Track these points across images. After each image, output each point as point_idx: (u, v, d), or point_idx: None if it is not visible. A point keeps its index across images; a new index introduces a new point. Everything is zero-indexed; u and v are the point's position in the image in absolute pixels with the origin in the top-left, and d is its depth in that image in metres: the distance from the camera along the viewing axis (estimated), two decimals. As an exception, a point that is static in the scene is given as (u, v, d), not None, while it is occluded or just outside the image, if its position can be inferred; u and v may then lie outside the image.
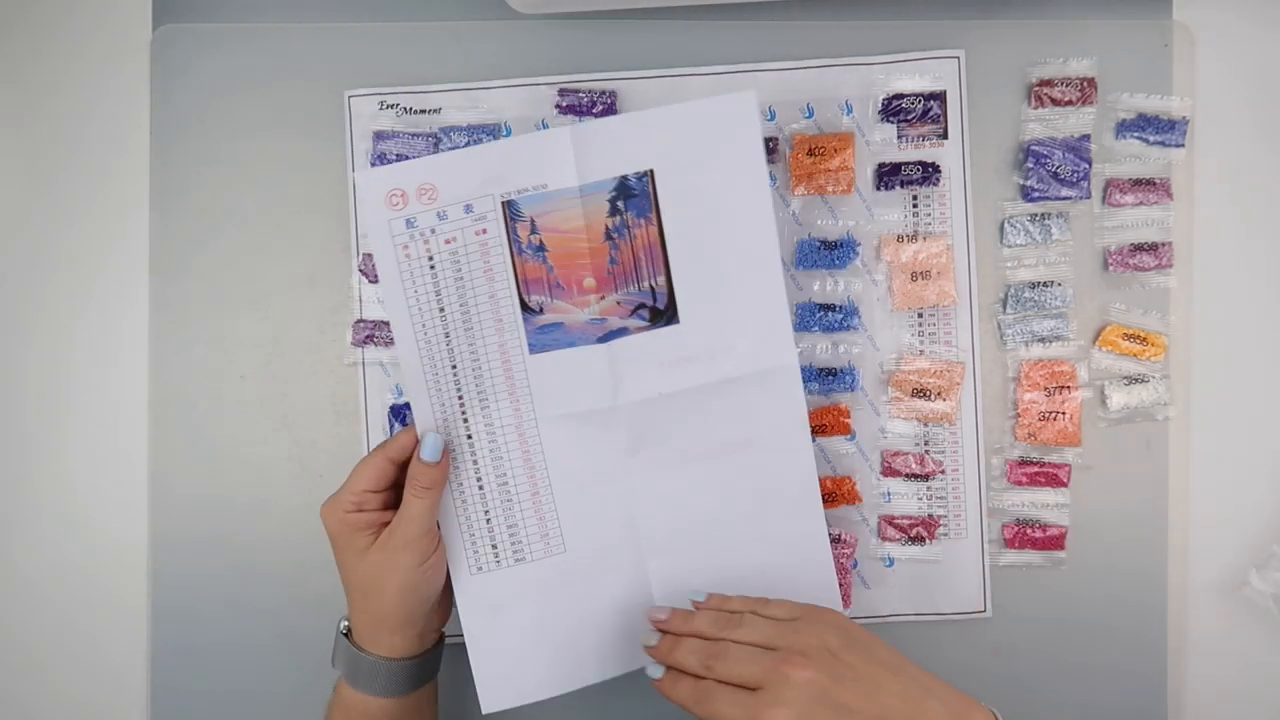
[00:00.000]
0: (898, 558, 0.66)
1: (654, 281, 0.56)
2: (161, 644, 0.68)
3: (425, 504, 0.53)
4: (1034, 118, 0.66)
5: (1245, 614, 0.66)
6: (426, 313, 0.56)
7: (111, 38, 0.69)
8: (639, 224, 0.55)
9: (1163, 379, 0.65)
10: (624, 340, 0.56)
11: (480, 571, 0.57)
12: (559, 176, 0.55)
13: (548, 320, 0.56)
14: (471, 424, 0.57)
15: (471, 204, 0.55)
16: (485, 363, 0.56)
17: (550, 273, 0.56)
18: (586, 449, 0.57)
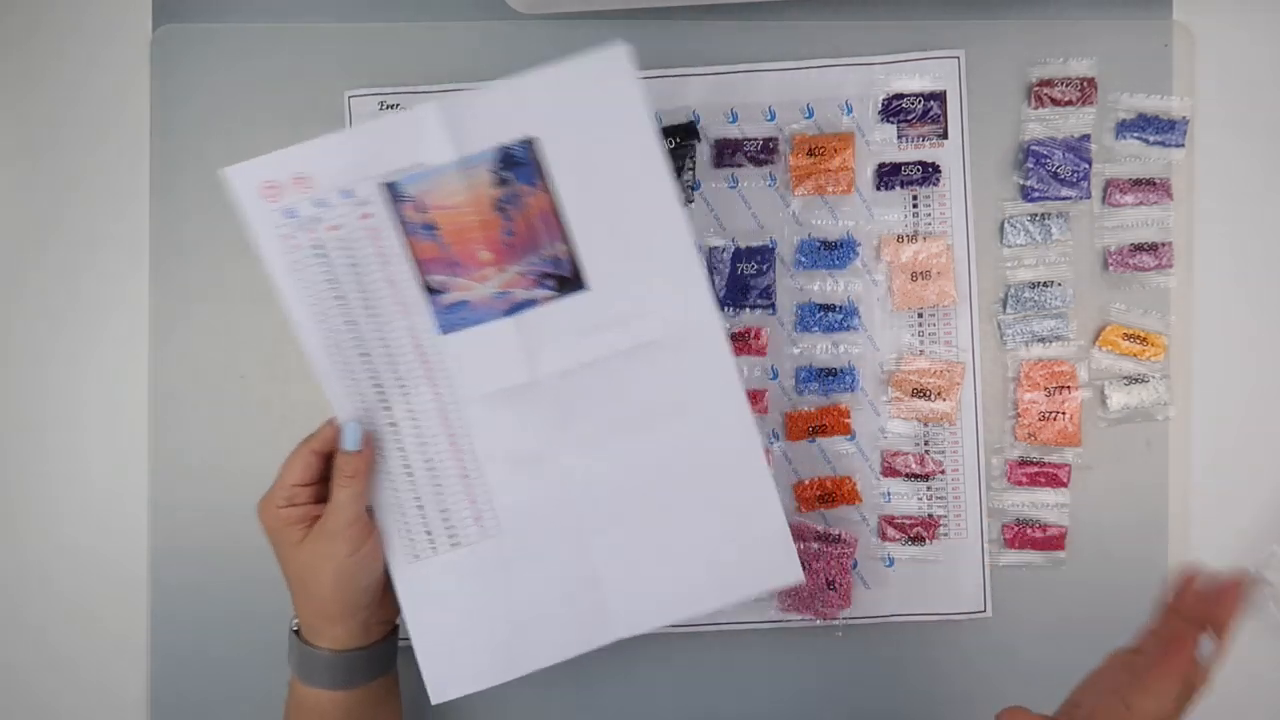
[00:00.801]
0: (898, 558, 0.66)
1: (555, 249, 0.54)
2: (162, 645, 0.68)
3: (350, 492, 0.53)
4: (1034, 118, 0.66)
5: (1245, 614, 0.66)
6: (324, 302, 0.54)
7: (111, 38, 0.69)
8: (529, 192, 0.54)
9: (1163, 379, 0.65)
10: (533, 311, 0.54)
11: (417, 559, 0.56)
12: (435, 153, 0.53)
13: (452, 299, 0.55)
14: (394, 410, 0.56)
15: (350, 189, 0.53)
16: (397, 348, 0.55)
17: (445, 250, 0.54)
18: (512, 427, 0.56)
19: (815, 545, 0.65)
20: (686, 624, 0.66)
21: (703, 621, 0.66)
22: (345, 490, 0.53)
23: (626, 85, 0.53)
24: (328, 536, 0.53)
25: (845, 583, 0.65)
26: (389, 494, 0.56)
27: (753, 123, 0.66)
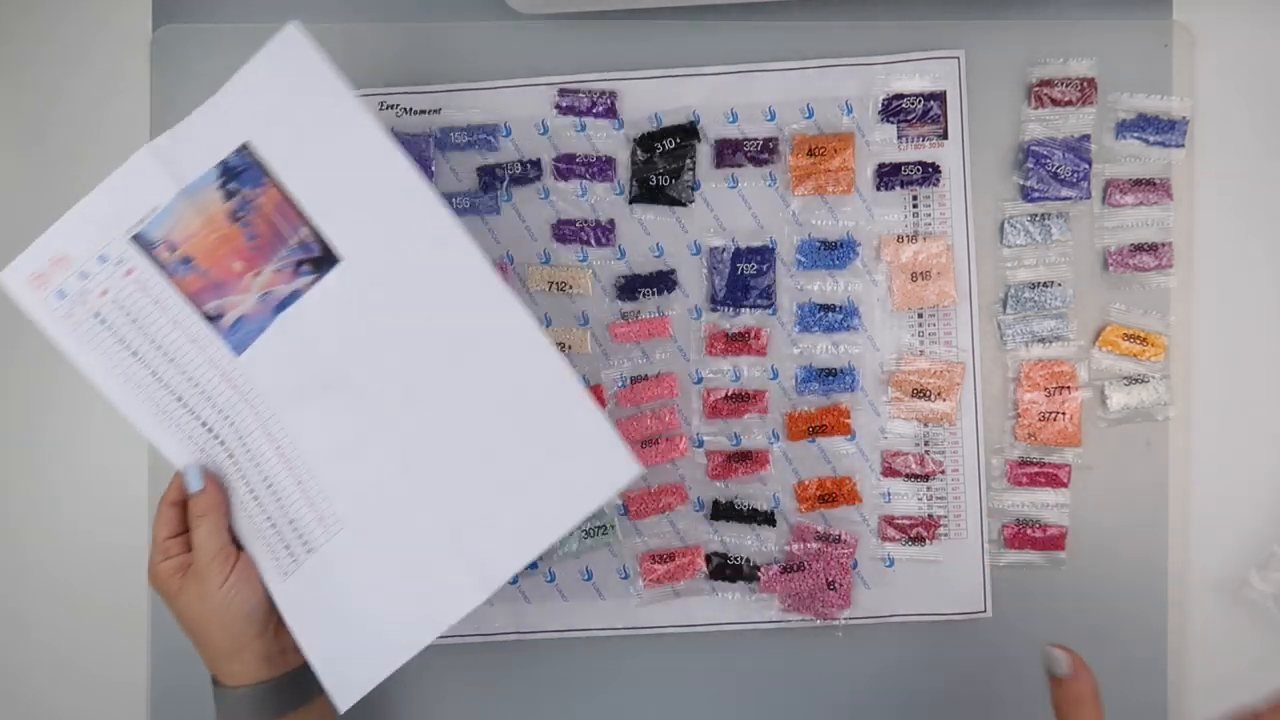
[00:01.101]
0: (898, 558, 0.66)
1: (300, 235, 0.55)
2: (162, 642, 0.68)
3: (205, 529, 0.55)
4: (1034, 118, 0.66)
5: (1245, 614, 0.66)
6: (123, 364, 0.57)
7: (111, 38, 0.69)
8: (259, 193, 0.55)
9: (1163, 379, 0.65)
10: (300, 301, 0.55)
11: (287, 576, 0.57)
12: (160, 193, 0.56)
13: (231, 319, 0.56)
14: (225, 441, 0.57)
15: (105, 254, 0.56)
16: (205, 383, 0.57)
17: (207, 276, 0.56)
18: (324, 421, 0.56)
19: (815, 545, 0.65)
20: (686, 624, 0.66)
21: (703, 622, 0.66)
22: (200, 529, 0.56)
23: (307, 58, 0.54)
24: (197, 575, 0.55)
25: (845, 583, 0.65)
26: (245, 521, 0.57)
27: (753, 123, 0.66)
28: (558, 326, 0.67)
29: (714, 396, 0.66)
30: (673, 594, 0.66)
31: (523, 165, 0.67)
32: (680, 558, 0.66)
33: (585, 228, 0.66)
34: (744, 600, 0.66)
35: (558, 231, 0.67)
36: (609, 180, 0.67)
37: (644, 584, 0.66)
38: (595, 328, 0.67)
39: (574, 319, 0.67)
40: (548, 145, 0.67)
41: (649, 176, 0.66)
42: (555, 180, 0.67)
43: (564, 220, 0.67)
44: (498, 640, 0.67)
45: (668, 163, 0.66)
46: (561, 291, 0.66)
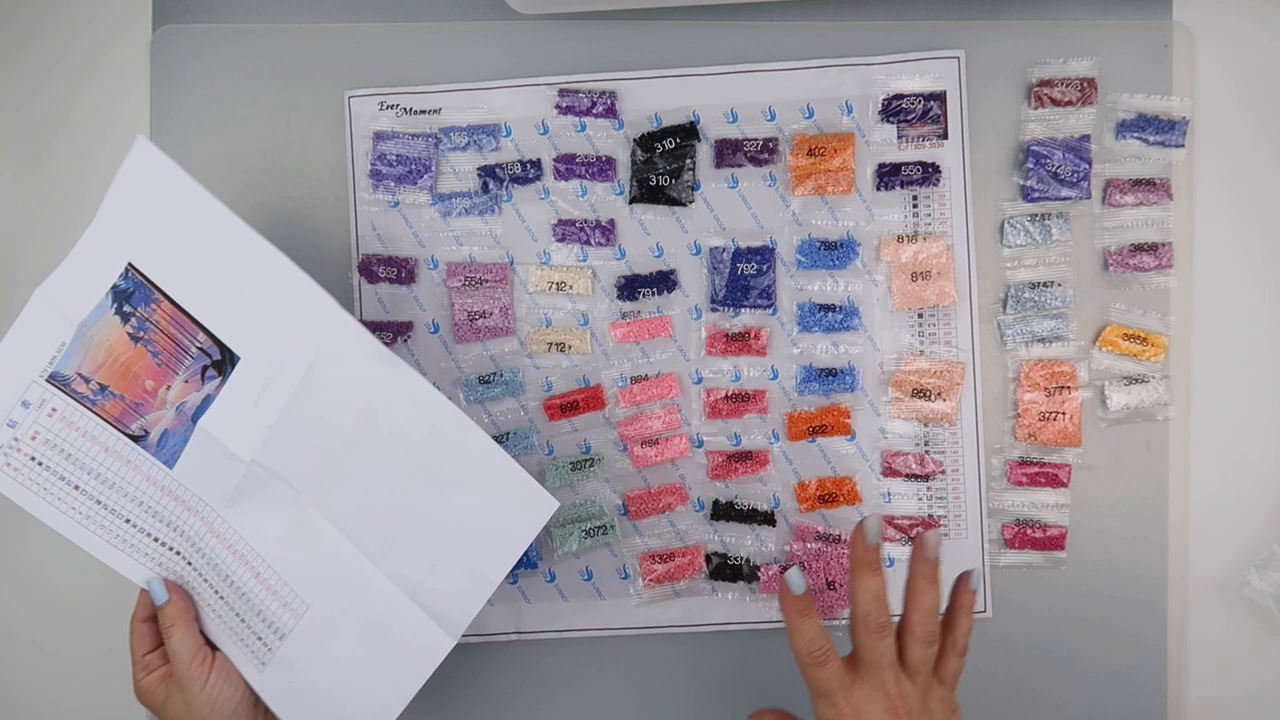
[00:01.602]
0: (898, 558, 0.66)
1: (198, 341, 0.57)
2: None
3: (176, 639, 0.57)
4: (1034, 118, 0.66)
5: (1245, 614, 0.66)
6: (67, 498, 0.59)
7: (111, 38, 0.69)
8: (153, 310, 0.57)
9: (1163, 379, 0.65)
10: (213, 406, 0.57)
11: (265, 666, 0.58)
12: (62, 331, 0.58)
13: (156, 435, 0.58)
14: (182, 552, 0.59)
15: (25, 399, 0.58)
16: (149, 500, 0.59)
17: (124, 399, 0.58)
18: (263, 512, 0.57)
19: (815, 545, 0.65)
20: (686, 624, 0.66)
21: (703, 622, 0.66)
22: (173, 638, 0.57)
23: (156, 166, 0.55)
24: (177, 683, 0.57)
25: (845, 583, 0.65)
26: (215, 622, 0.59)
27: (753, 123, 0.66)
28: (558, 326, 0.67)
29: (714, 396, 0.66)
30: (673, 594, 0.66)
31: (523, 165, 0.67)
32: (680, 558, 0.66)
33: (585, 228, 0.66)
34: (744, 600, 0.66)
35: (558, 231, 0.67)
36: (609, 180, 0.67)
37: (644, 584, 0.66)
38: (595, 328, 0.67)
39: (574, 319, 0.67)
40: (548, 145, 0.67)
41: (649, 176, 0.66)
42: (555, 180, 0.67)
43: (564, 220, 0.67)
44: (498, 640, 0.67)
45: (668, 163, 0.66)
46: (561, 291, 0.66)
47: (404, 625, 0.57)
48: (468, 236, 0.67)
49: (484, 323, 0.66)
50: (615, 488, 0.67)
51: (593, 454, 0.66)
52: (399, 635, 0.57)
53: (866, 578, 0.52)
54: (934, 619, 0.52)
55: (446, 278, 0.67)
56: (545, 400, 0.66)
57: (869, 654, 0.51)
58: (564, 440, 0.67)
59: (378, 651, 0.57)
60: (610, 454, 0.67)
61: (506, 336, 0.67)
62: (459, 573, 0.56)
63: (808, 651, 0.51)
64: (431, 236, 0.67)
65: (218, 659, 0.58)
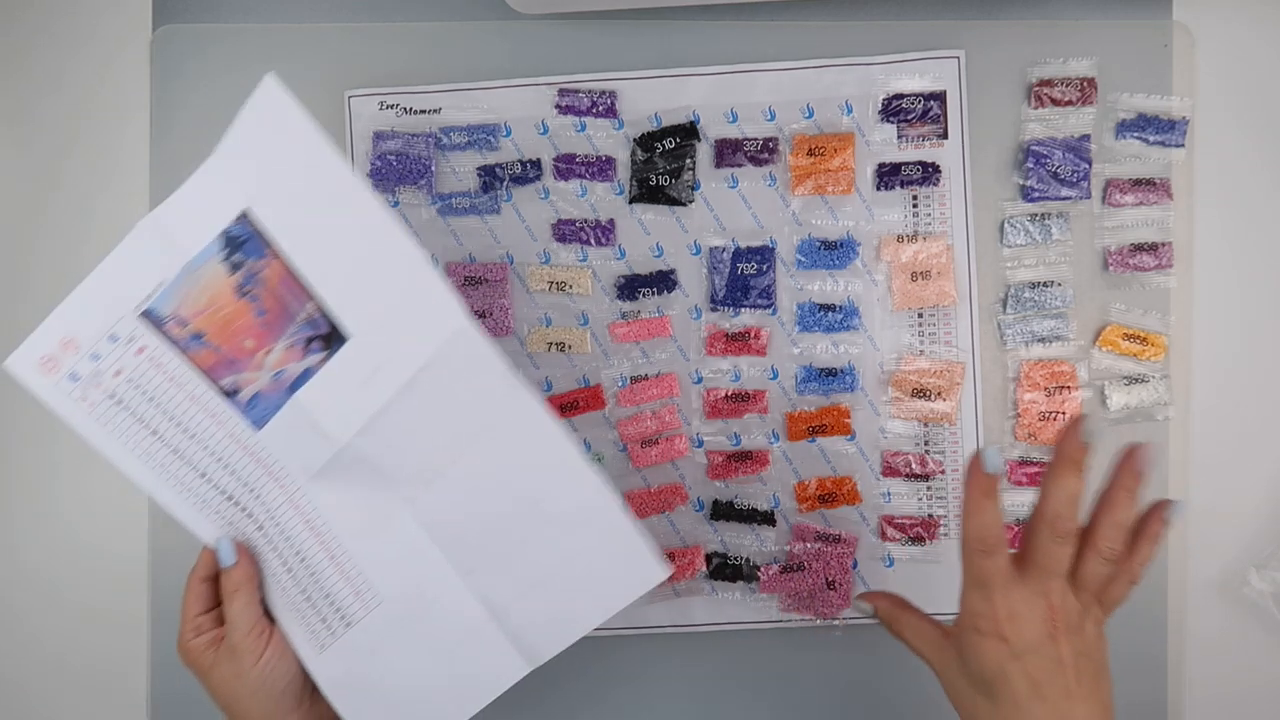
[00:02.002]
0: (898, 558, 0.66)
1: (307, 310, 0.52)
2: (162, 644, 0.68)
3: (238, 605, 0.55)
4: (1034, 118, 0.66)
5: (1245, 614, 0.66)
6: (143, 443, 0.55)
7: (111, 38, 0.69)
8: (263, 265, 0.52)
9: (1163, 379, 0.65)
10: (312, 381, 0.53)
11: (324, 649, 0.56)
12: (167, 266, 0.53)
13: (247, 395, 0.54)
14: (254, 515, 0.56)
15: (114, 333, 0.54)
16: (229, 457, 0.55)
17: (220, 352, 0.54)
18: (349, 497, 0.55)
19: (815, 545, 0.65)
20: (686, 624, 0.66)
21: (703, 622, 0.66)
22: (234, 604, 0.55)
23: (290, 114, 0.50)
24: (231, 652, 0.54)
25: (845, 583, 0.65)
26: (279, 594, 0.56)
27: (753, 123, 0.66)
28: (558, 326, 0.67)
29: (714, 396, 0.66)
30: (673, 594, 0.66)
31: (523, 165, 0.67)
32: (680, 558, 0.66)
33: (585, 227, 0.66)
34: (744, 600, 0.66)
35: (558, 231, 0.67)
36: (609, 180, 0.67)
37: (644, 584, 0.66)
38: (595, 328, 0.67)
39: (574, 319, 0.67)
40: (548, 145, 0.67)
41: (649, 176, 0.66)
42: (555, 180, 0.67)
43: (564, 220, 0.67)
44: (498, 640, 0.67)
45: (668, 163, 0.66)
46: (561, 291, 0.66)
47: (480, 644, 0.55)
48: (467, 236, 0.67)
49: (484, 322, 0.66)
50: (615, 487, 0.66)
51: (593, 454, 0.66)
52: (472, 652, 0.55)
53: (1068, 476, 0.47)
54: (1122, 537, 0.48)
55: (446, 277, 0.67)
56: (545, 400, 0.66)
57: (1044, 557, 0.47)
58: (564, 440, 0.67)
59: (446, 663, 0.55)
60: (610, 454, 0.67)
61: (506, 336, 0.67)
62: (548, 609, 0.54)
63: (980, 536, 0.47)
64: (431, 236, 0.67)
65: (275, 634, 0.56)
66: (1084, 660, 0.47)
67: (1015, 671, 0.47)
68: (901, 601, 0.54)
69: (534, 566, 0.54)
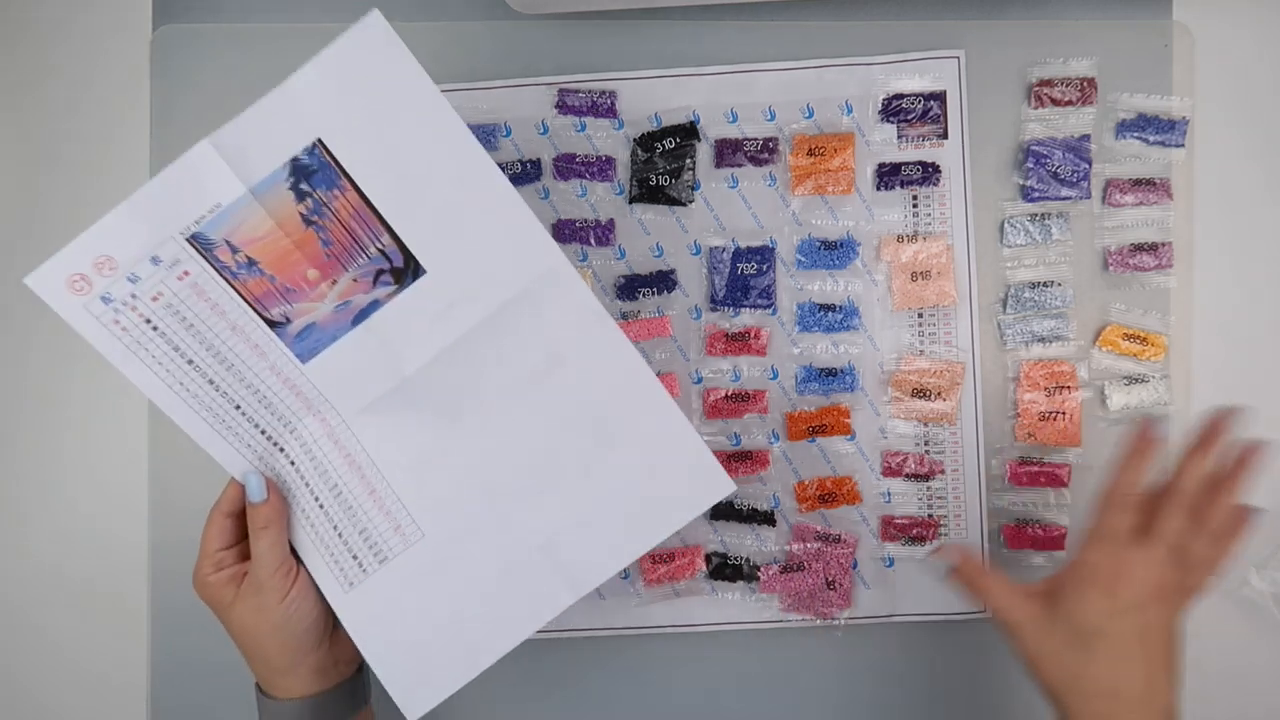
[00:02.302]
0: (898, 558, 0.66)
1: (379, 244, 0.52)
2: (162, 643, 0.68)
3: (268, 541, 0.54)
4: (1034, 118, 0.66)
5: (1245, 614, 0.66)
6: (177, 371, 0.53)
7: (111, 38, 0.69)
8: (333, 196, 0.51)
9: (1163, 379, 0.65)
10: (380, 313, 0.53)
11: (352, 587, 0.55)
12: (224, 191, 0.51)
13: (299, 326, 0.53)
14: (288, 450, 0.55)
15: (157, 255, 0.52)
16: (267, 390, 0.54)
17: (274, 281, 0.53)
18: (400, 431, 0.55)
19: (815, 545, 0.65)
20: (686, 624, 0.66)
21: (703, 622, 0.66)
22: (262, 540, 0.54)
23: (391, 51, 0.50)
24: (255, 589, 0.54)
25: (845, 583, 0.65)
26: (307, 531, 0.56)
27: (753, 123, 0.66)
28: (558, 326, 0.67)
29: (714, 396, 0.66)
30: (673, 594, 0.66)
31: (523, 165, 0.67)
32: (680, 558, 0.66)
33: (585, 227, 0.66)
34: (744, 600, 0.66)
35: (558, 231, 0.67)
36: (609, 180, 0.67)
37: (644, 584, 0.66)
38: (595, 328, 0.67)
39: (574, 319, 0.67)
40: (548, 145, 0.67)
41: (649, 176, 0.66)
42: (555, 180, 0.67)
43: (564, 220, 0.67)
44: (498, 640, 0.67)
45: (668, 163, 0.66)
46: (561, 291, 0.66)
47: (524, 578, 0.54)
48: (468, 236, 0.67)
49: (484, 322, 0.66)
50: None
51: (593, 454, 0.66)
52: (514, 587, 0.55)
53: (1201, 457, 0.52)
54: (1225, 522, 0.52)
55: None
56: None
57: (1169, 528, 0.51)
58: (564, 440, 0.67)
59: (487, 598, 0.55)
60: (610, 454, 0.67)
61: (506, 336, 0.67)
62: (606, 533, 0.54)
63: (1122, 491, 0.52)
64: (431, 236, 0.67)
65: (301, 573, 0.55)
66: (1168, 632, 0.50)
67: (1116, 626, 0.49)
68: (980, 562, 0.56)
69: (598, 493, 0.55)
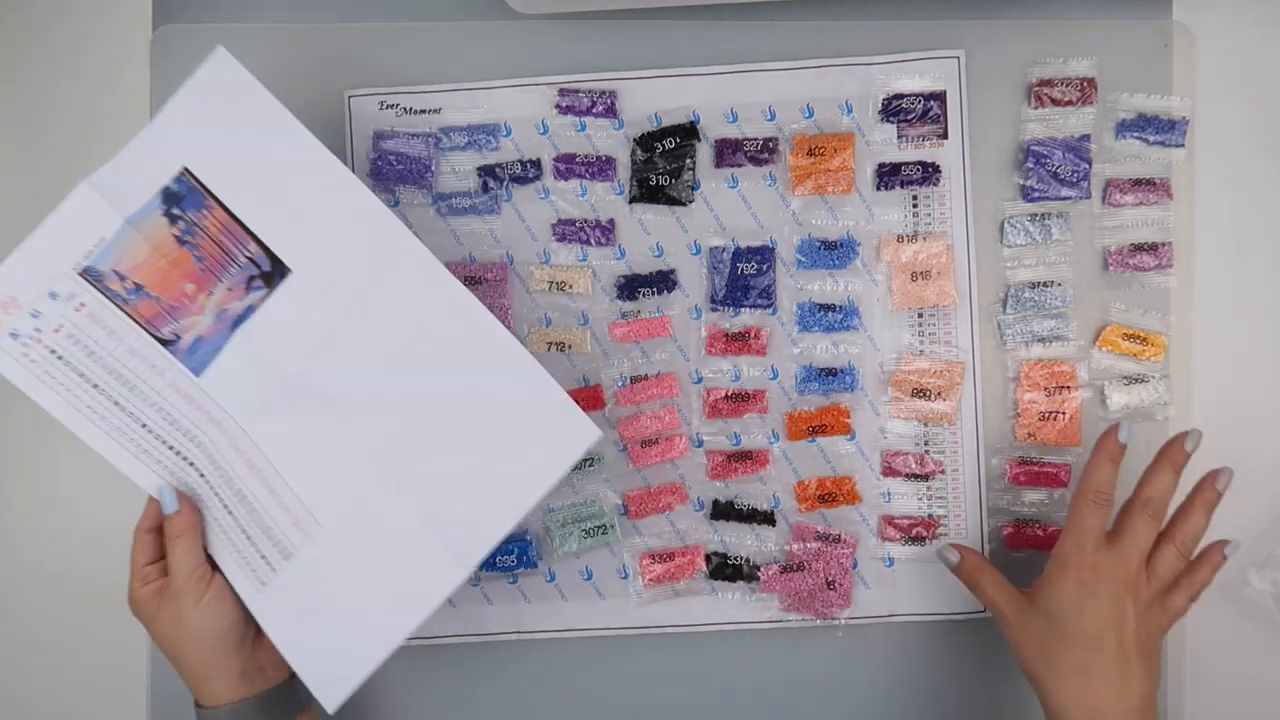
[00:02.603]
0: (898, 558, 0.66)
1: (248, 251, 0.57)
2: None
3: (180, 550, 0.56)
4: (1034, 118, 0.66)
5: (1245, 614, 0.66)
6: (85, 397, 0.58)
7: (111, 38, 0.69)
8: (203, 215, 0.57)
9: (1163, 379, 0.65)
10: (256, 315, 0.57)
11: (265, 586, 0.57)
12: (106, 224, 0.57)
13: (188, 341, 0.58)
14: (196, 462, 0.59)
15: (54, 290, 0.57)
16: (169, 406, 0.58)
17: (160, 302, 0.57)
18: (292, 428, 0.57)
19: (815, 545, 0.65)
20: (686, 624, 0.66)
21: (703, 622, 0.66)
22: (176, 549, 0.57)
23: (238, 79, 0.56)
24: (172, 596, 0.56)
25: (845, 583, 0.65)
26: (220, 537, 0.58)
27: (753, 123, 0.66)
28: (558, 326, 0.67)
29: (714, 396, 0.66)
30: (673, 594, 0.66)
31: (523, 165, 0.67)
32: (680, 557, 0.66)
33: (585, 227, 0.66)
34: (744, 600, 0.66)
35: (558, 231, 0.67)
36: (609, 180, 0.67)
37: (644, 584, 0.66)
38: (595, 328, 0.67)
39: (574, 319, 0.67)
40: (548, 145, 0.67)
41: (649, 176, 0.66)
42: (555, 180, 0.67)
43: (564, 220, 0.67)
44: (497, 640, 0.67)
45: (668, 162, 0.66)
46: (561, 291, 0.66)
47: (416, 555, 0.56)
48: (467, 236, 0.67)
49: (484, 322, 0.66)
50: (615, 487, 0.67)
51: (593, 454, 0.66)
52: (409, 565, 0.56)
53: (1167, 472, 0.56)
54: (1195, 539, 0.56)
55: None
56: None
57: (1134, 529, 0.55)
58: (564, 440, 0.67)
59: (385, 579, 0.57)
60: (610, 454, 0.67)
61: (506, 336, 0.67)
62: (485, 497, 0.56)
63: (1095, 489, 0.56)
64: (431, 236, 0.67)
65: (216, 578, 0.57)
66: (1144, 631, 0.54)
67: (1089, 609, 0.53)
68: (983, 560, 0.60)
69: (473, 456, 0.56)
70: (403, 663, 0.67)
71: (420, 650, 0.67)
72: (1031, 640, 0.55)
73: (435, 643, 0.67)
